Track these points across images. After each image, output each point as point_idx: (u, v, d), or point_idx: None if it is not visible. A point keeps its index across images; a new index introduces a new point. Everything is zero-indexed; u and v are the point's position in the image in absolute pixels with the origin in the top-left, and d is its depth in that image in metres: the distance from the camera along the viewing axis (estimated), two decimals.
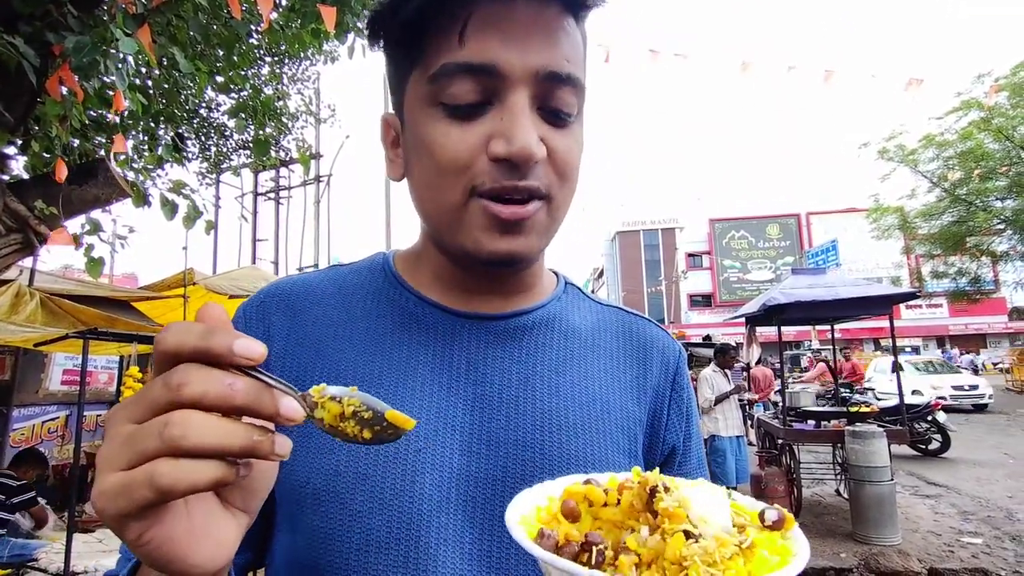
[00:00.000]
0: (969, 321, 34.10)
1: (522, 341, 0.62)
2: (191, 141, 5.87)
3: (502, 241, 0.53)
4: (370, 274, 0.66)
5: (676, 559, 0.30)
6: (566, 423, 0.58)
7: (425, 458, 0.54)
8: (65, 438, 6.68)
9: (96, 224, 3.37)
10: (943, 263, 18.50)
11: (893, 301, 6.30)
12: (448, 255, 0.60)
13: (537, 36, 0.50)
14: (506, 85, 0.50)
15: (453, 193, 0.52)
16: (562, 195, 0.55)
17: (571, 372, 0.62)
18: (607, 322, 0.69)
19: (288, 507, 0.55)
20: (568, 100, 0.53)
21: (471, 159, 0.51)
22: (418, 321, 0.61)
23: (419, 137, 0.54)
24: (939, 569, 4.45)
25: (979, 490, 6.95)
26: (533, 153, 0.49)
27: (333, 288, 0.64)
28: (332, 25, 3.02)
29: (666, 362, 0.68)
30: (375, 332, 0.60)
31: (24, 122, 2.89)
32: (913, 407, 8.83)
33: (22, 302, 4.14)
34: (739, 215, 41.60)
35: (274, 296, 0.63)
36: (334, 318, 0.61)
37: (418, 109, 0.54)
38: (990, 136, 15.14)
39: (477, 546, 0.53)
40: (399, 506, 0.52)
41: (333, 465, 0.53)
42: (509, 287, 0.63)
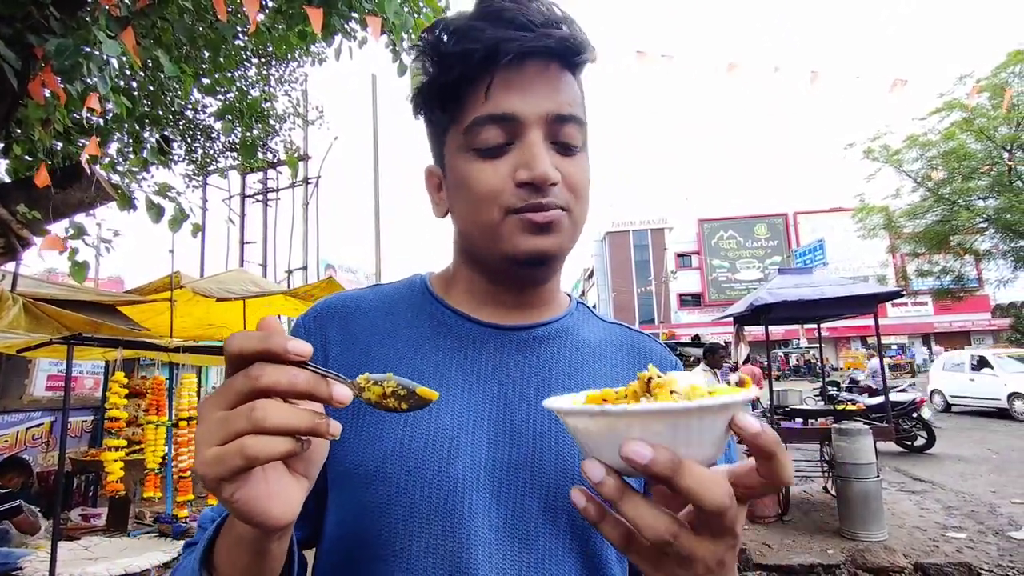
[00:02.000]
0: (953, 319, 34.58)
1: (540, 349, 0.73)
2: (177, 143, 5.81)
3: (535, 240, 0.64)
4: (409, 290, 0.78)
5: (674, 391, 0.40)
6: None
7: (458, 445, 0.64)
8: (50, 445, 6.59)
9: (80, 228, 3.33)
10: (928, 262, 18.73)
11: (878, 300, 6.38)
12: (484, 271, 0.72)
13: (544, 89, 0.64)
14: (524, 128, 0.63)
15: (491, 214, 0.64)
16: (578, 209, 0.67)
17: (581, 376, 0.73)
18: (611, 336, 0.80)
19: (340, 487, 0.65)
20: (573, 135, 0.66)
21: (502, 187, 0.63)
22: (451, 330, 0.72)
23: (459, 177, 0.67)
24: (924, 564, 4.52)
25: (963, 485, 7.05)
26: (550, 175, 0.62)
27: (378, 302, 0.76)
28: (319, 27, 3.02)
29: (663, 367, 0.76)
30: (414, 339, 0.71)
31: (6, 125, 2.85)
32: (899, 404, 8.94)
33: (4, 307, 4.08)
34: (727, 215, 41.89)
35: (328, 309, 0.75)
36: (380, 327, 0.73)
37: (457, 156, 0.67)
38: (972, 136, 15.37)
39: (503, 520, 0.63)
40: (438, 484, 0.62)
41: (382, 449, 0.64)
42: (530, 302, 0.74)
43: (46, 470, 6.33)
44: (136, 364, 8.01)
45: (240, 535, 0.49)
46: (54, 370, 6.66)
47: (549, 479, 0.64)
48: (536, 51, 0.63)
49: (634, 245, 44.32)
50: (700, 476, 0.38)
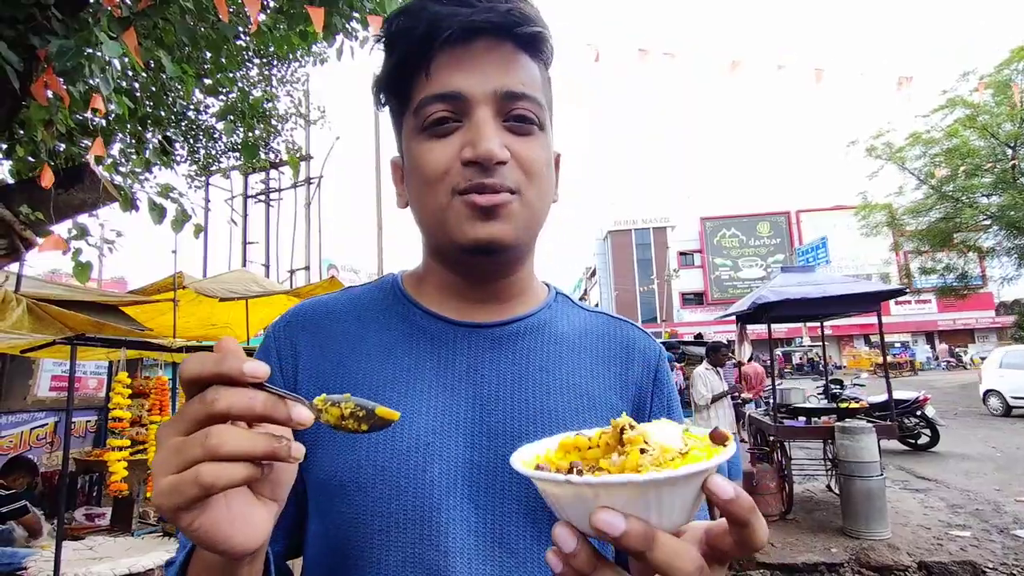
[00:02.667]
0: (957, 316, 34.47)
1: (515, 346, 0.70)
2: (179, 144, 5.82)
3: (482, 227, 0.61)
4: (381, 293, 0.76)
5: (633, 467, 0.38)
6: (554, 416, 0.66)
7: (434, 450, 0.63)
8: (54, 445, 6.61)
9: (83, 229, 3.34)
10: (931, 259, 18.71)
11: (881, 298, 6.36)
12: (446, 263, 0.69)
13: (493, 66, 0.62)
14: (471, 105, 0.61)
15: (438, 196, 0.62)
16: (532, 192, 0.64)
17: (559, 371, 0.70)
18: (592, 326, 0.77)
19: (317, 498, 0.64)
20: (527, 113, 0.63)
21: (448, 166, 0.61)
22: (423, 331, 0.70)
23: (412, 161, 0.65)
24: (928, 562, 4.50)
25: (967, 484, 7.03)
26: (494, 153, 0.59)
27: (349, 306, 0.74)
28: (320, 26, 3.02)
29: (647, 360, 0.76)
30: (386, 343, 0.69)
31: (8, 126, 2.86)
32: (902, 402, 8.91)
33: (8, 308, 4.09)
34: (730, 213, 41.80)
35: (298, 316, 0.73)
36: (350, 332, 0.71)
37: (410, 140, 0.65)
38: (975, 133, 15.32)
39: (482, 524, 0.61)
40: (414, 492, 0.61)
41: (355, 460, 0.62)
42: (502, 296, 0.72)
43: (50, 470, 6.35)
44: (139, 364, 8.02)
45: (208, 562, 0.48)
46: (58, 370, 6.68)
47: (528, 481, 0.60)
48: (479, 27, 0.61)
49: (636, 244, 44.26)
50: (672, 550, 0.37)
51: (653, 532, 0.36)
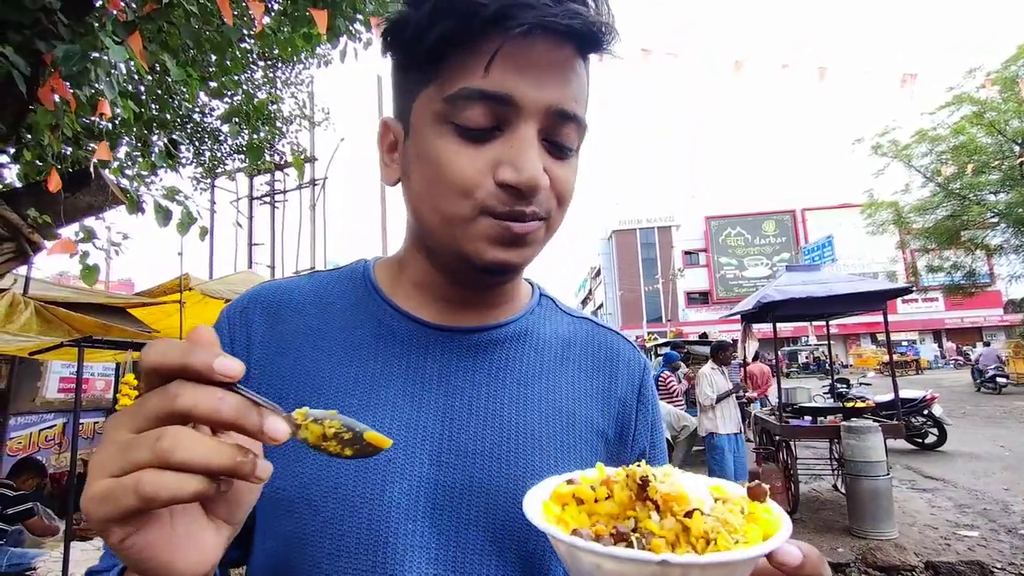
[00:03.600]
0: (965, 315, 34.28)
1: (493, 355, 0.64)
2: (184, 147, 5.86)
3: (503, 252, 0.56)
4: (350, 283, 0.68)
5: (701, 534, 0.34)
6: (531, 435, 0.61)
7: (395, 467, 0.56)
8: (62, 446, 6.66)
9: (90, 232, 3.36)
10: (938, 257, 18.60)
11: (887, 296, 6.33)
12: (436, 262, 0.62)
13: (552, 74, 0.54)
14: (518, 116, 0.53)
15: (461, 208, 0.55)
16: (558, 218, 0.59)
17: (539, 385, 0.64)
18: (577, 334, 0.71)
19: (263, 513, 0.57)
20: (571, 136, 0.57)
21: (478, 181, 0.54)
22: (393, 333, 0.63)
23: (427, 151, 0.56)
24: (935, 562, 4.48)
25: (975, 483, 6.99)
26: (539, 184, 0.53)
27: (314, 296, 0.66)
28: (324, 29, 3.04)
29: (632, 374, 0.71)
30: (351, 342, 0.62)
31: (16, 131, 2.89)
32: (909, 401, 8.86)
33: (17, 311, 4.13)
34: (735, 212, 41.70)
35: (257, 302, 0.65)
36: (313, 327, 0.63)
37: (428, 123, 0.56)
38: (982, 130, 15.22)
39: (444, 552, 0.55)
40: (369, 513, 0.54)
41: (305, 473, 0.55)
42: (487, 300, 0.66)
43: (59, 471, 6.40)
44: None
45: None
46: (66, 372, 6.73)
47: (497, 505, 0.57)
48: (555, 27, 0.51)
49: (641, 243, 44.21)
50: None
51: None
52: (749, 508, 0.38)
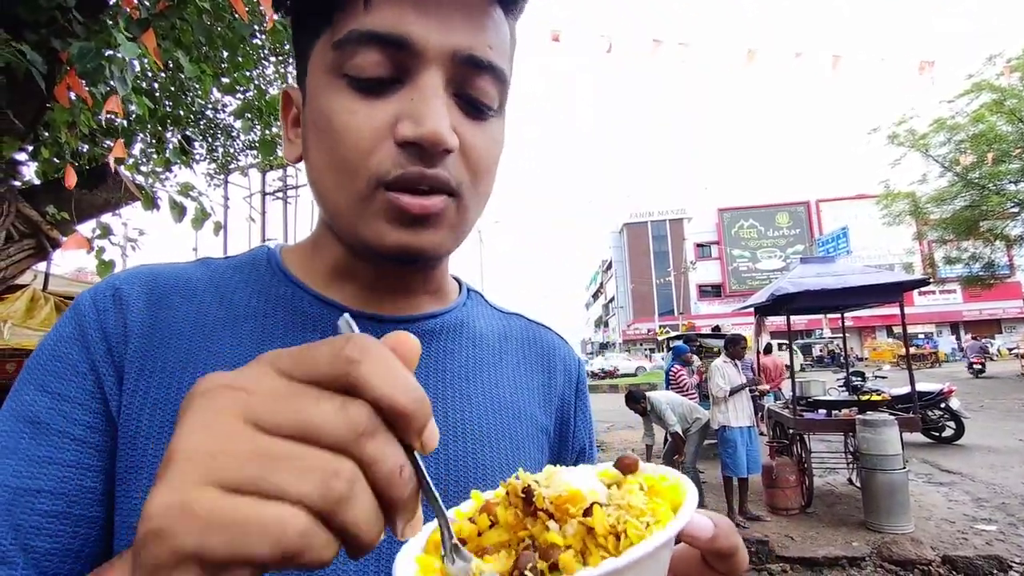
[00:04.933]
0: (983, 306, 33.75)
1: (430, 347, 0.57)
2: (198, 143, 5.91)
3: (406, 234, 0.48)
4: (253, 270, 0.58)
5: (607, 530, 0.29)
6: (479, 432, 0.56)
7: None
8: None
9: (107, 228, 3.42)
10: (956, 248, 18.33)
11: (903, 288, 6.25)
12: (348, 247, 0.55)
13: (458, 14, 0.47)
14: (419, 62, 0.46)
15: (357, 181, 0.47)
16: (473, 195, 0.51)
17: (481, 379, 0.59)
18: (511, 329, 0.67)
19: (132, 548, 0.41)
20: (488, 91, 0.49)
21: (376, 142, 0.46)
22: (312, 321, 0.54)
23: (320, 111, 0.48)
24: (952, 556, 4.44)
25: (993, 477, 6.90)
26: (443, 138, 0.45)
27: (208, 283, 0.56)
28: None
29: (568, 370, 0.68)
30: (261, 333, 0.53)
31: (34, 128, 2.93)
32: (926, 394, 8.76)
33: (37, 306, 4.21)
34: (748, 204, 41.32)
35: (134, 285, 0.53)
36: (209, 317, 0.53)
37: (321, 79, 0.49)
38: (1003, 118, 14.92)
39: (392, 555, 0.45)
40: None
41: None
42: (414, 287, 0.58)
43: None
44: None
45: None
46: None
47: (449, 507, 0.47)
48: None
49: (652, 236, 44.01)
50: None
51: None
52: (647, 482, 0.33)
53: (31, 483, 0.43)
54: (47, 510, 0.43)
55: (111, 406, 0.47)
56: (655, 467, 0.35)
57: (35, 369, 0.49)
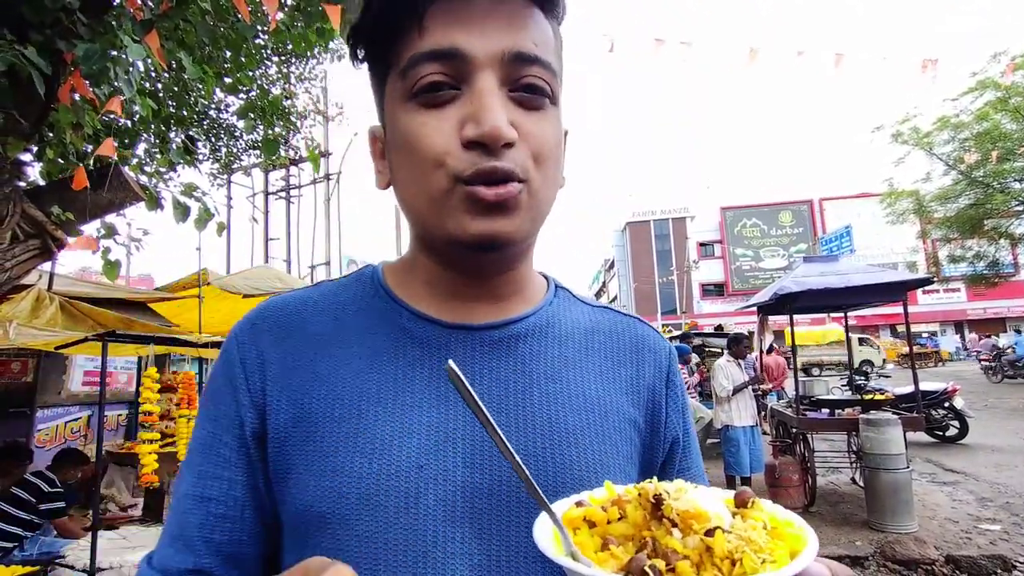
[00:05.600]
0: (988, 305, 33.60)
1: (516, 350, 0.61)
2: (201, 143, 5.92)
3: (485, 222, 0.53)
4: (360, 289, 0.65)
5: (725, 554, 0.32)
6: (564, 430, 0.59)
7: (427, 474, 0.54)
8: (88, 438, 6.82)
9: (111, 228, 3.42)
10: (960, 247, 18.23)
11: (907, 287, 6.23)
12: (439, 257, 0.60)
13: (499, 21, 0.52)
14: (472, 68, 0.52)
15: (436, 181, 0.53)
16: (540, 179, 0.55)
17: (567, 377, 0.62)
18: (599, 323, 0.69)
19: (295, 530, 0.56)
20: (539, 82, 0.54)
21: (447, 146, 0.52)
22: (411, 336, 0.60)
23: (399, 134, 0.55)
24: (956, 556, 4.43)
25: (998, 476, 6.88)
26: (502, 132, 0.50)
27: (324, 305, 0.63)
28: (337, 23, 3.04)
29: (658, 361, 0.69)
30: (369, 349, 0.59)
31: (38, 129, 2.94)
32: (930, 393, 8.73)
33: (42, 306, 4.22)
34: (750, 203, 41.20)
35: (265, 319, 0.62)
36: (326, 337, 0.60)
37: (396, 108, 0.56)
38: (1007, 116, 14.84)
39: (485, 558, 0.53)
40: (405, 524, 0.52)
41: (337, 488, 0.53)
42: (500, 291, 0.63)
43: None
44: (167, 359, 8.22)
45: None
46: (90, 366, 6.88)
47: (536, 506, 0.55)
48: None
49: (655, 235, 43.94)
50: None
51: None
52: (771, 523, 0.36)
53: (203, 492, 0.57)
54: (216, 513, 0.56)
55: (249, 428, 0.58)
56: (783, 511, 0.37)
57: (204, 393, 0.62)
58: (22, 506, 4.10)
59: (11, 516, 4.06)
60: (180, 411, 4.66)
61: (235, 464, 0.57)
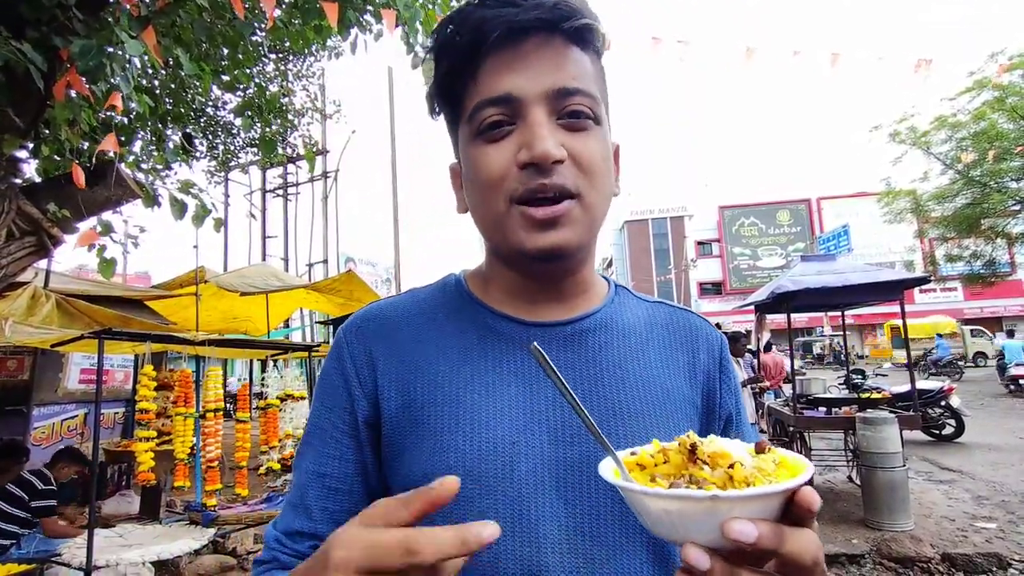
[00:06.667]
0: (984, 304, 33.68)
1: (586, 343, 0.71)
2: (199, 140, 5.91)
3: (541, 237, 0.61)
4: (445, 294, 0.76)
5: (743, 479, 0.41)
6: (632, 411, 0.67)
7: (520, 448, 0.63)
8: (84, 436, 6.80)
9: (108, 225, 3.41)
10: (957, 246, 18.25)
11: (904, 286, 6.24)
12: (513, 268, 0.70)
13: (544, 64, 0.61)
14: (523, 106, 0.61)
15: (496, 203, 0.62)
16: (592, 192, 0.63)
17: (632, 366, 0.71)
18: (656, 317, 0.78)
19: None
20: (582, 108, 0.62)
21: (505, 171, 0.61)
22: (496, 332, 0.70)
23: (469, 167, 0.66)
24: (952, 554, 4.44)
25: (994, 475, 6.90)
26: (550, 153, 0.59)
27: (417, 310, 0.74)
28: (335, 21, 3.03)
29: (711, 348, 0.78)
30: (462, 345, 0.70)
31: (34, 126, 2.93)
32: (926, 392, 8.76)
33: (38, 304, 4.21)
34: (748, 202, 41.22)
35: (369, 321, 0.73)
36: (424, 337, 0.71)
37: (467, 146, 0.65)
38: (1004, 116, 14.86)
39: (571, 519, 0.62)
40: (502, 490, 0.62)
41: (444, 462, 0.63)
42: (568, 293, 0.72)
43: None
44: (164, 357, 8.19)
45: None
46: (86, 363, 6.86)
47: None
48: (526, 26, 0.60)
49: (653, 234, 43.95)
50: (798, 539, 0.40)
51: (781, 530, 0.39)
52: (779, 460, 0.45)
53: (321, 468, 0.68)
54: (331, 487, 0.67)
55: (361, 416, 0.68)
56: (793, 454, 0.46)
57: (319, 385, 0.73)
58: (16, 503, 4.08)
59: (6, 513, 4.05)
60: (177, 409, 4.64)
61: (347, 446, 0.68)
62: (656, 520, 0.43)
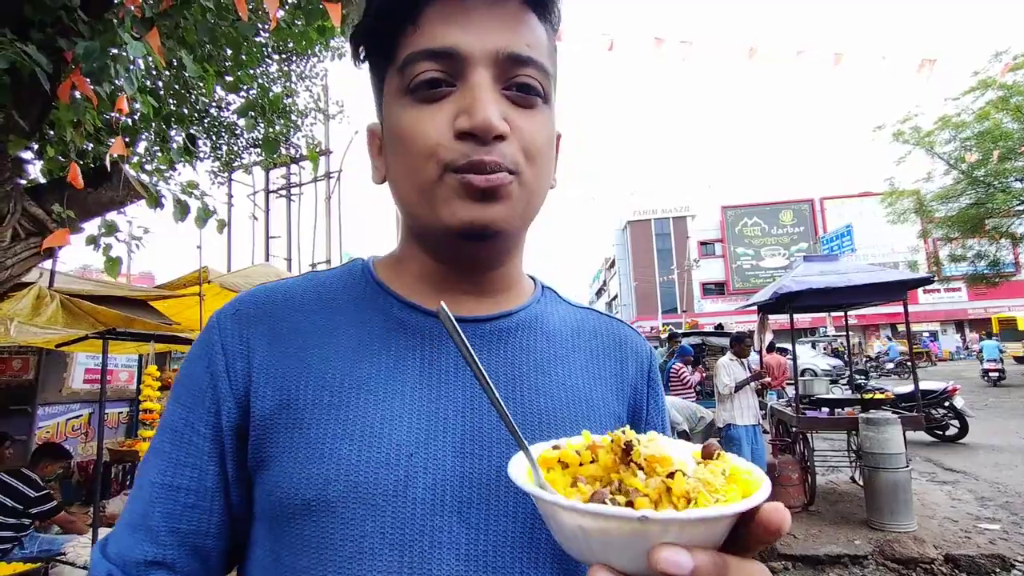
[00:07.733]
0: (988, 304, 33.53)
1: (507, 343, 0.63)
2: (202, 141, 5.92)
3: (476, 208, 0.54)
4: (350, 279, 0.66)
5: (682, 493, 0.35)
6: (553, 421, 0.60)
7: (418, 462, 0.53)
8: (89, 435, 6.84)
9: (112, 225, 3.43)
10: (961, 246, 18.21)
11: (907, 286, 6.22)
12: (430, 250, 0.62)
13: (495, 23, 0.54)
14: (467, 66, 0.53)
15: (427, 171, 0.54)
16: (531, 174, 0.56)
17: (555, 371, 0.63)
18: (584, 323, 0.71)
19: (275, 518, 0.54)
20: (532, 81, 0.55)
21: (440, 137, 0.53)
22: (404, 326, 0.61)
23: (395, 127, 0.57)
24: (955, 555, 4.43)
25: (997, 476, 6.88)
26: (493, 125, 0.51)
27: (313, 294, 0.63)
28: (338, 21, 3.04)
29: (640, 360, 0.72)
30: (361, 338, 0.59)
31: (39, 127, 2.94)
32: (929, 393, 8.73)
33: (43, 304, 4.23)
34: (751, 202, 41.14)
35: (251, 304, 0.61)
36: (317, 325, 0.60)
37: (393, 103, 0.57)
38: (1008, 116, 14.82)
39: (474, 548, 0.53)
40: (392, 512, 0.52)
41: (323, 474, 0.52)
42: (490, 287, 0.64)
43: (86, 460, 6.58)
44: (168, 357, 8.23)
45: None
46: (91, 363, 6.89)
47: (526, 496, 0.50)
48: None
49: (656, 234, 43.89)
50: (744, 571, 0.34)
51: (725, 562, 0.33)
52: (730, 470, 0.38)
53: (172, 480, 0.56)
54: (185, 502, 0.55)
55: (226, 418, 0.56)
56: (744, 462, 0.40)
57: (176, 381, 0.61)
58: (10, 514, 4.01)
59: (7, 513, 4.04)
60: None
61: (208, 453, 0.56)
62: (570, 537, 0.36)
